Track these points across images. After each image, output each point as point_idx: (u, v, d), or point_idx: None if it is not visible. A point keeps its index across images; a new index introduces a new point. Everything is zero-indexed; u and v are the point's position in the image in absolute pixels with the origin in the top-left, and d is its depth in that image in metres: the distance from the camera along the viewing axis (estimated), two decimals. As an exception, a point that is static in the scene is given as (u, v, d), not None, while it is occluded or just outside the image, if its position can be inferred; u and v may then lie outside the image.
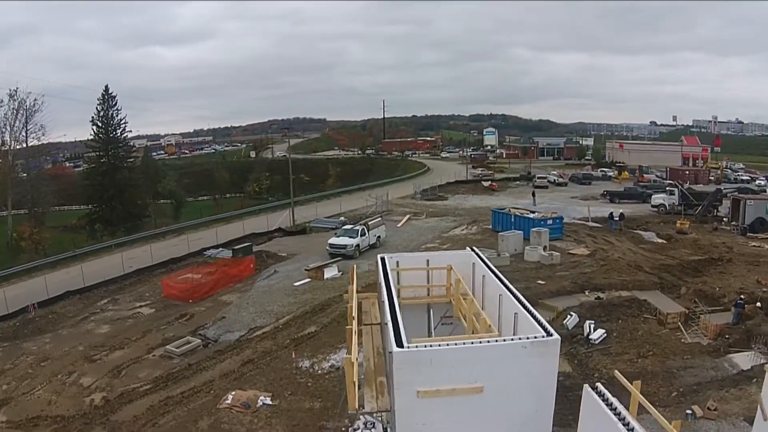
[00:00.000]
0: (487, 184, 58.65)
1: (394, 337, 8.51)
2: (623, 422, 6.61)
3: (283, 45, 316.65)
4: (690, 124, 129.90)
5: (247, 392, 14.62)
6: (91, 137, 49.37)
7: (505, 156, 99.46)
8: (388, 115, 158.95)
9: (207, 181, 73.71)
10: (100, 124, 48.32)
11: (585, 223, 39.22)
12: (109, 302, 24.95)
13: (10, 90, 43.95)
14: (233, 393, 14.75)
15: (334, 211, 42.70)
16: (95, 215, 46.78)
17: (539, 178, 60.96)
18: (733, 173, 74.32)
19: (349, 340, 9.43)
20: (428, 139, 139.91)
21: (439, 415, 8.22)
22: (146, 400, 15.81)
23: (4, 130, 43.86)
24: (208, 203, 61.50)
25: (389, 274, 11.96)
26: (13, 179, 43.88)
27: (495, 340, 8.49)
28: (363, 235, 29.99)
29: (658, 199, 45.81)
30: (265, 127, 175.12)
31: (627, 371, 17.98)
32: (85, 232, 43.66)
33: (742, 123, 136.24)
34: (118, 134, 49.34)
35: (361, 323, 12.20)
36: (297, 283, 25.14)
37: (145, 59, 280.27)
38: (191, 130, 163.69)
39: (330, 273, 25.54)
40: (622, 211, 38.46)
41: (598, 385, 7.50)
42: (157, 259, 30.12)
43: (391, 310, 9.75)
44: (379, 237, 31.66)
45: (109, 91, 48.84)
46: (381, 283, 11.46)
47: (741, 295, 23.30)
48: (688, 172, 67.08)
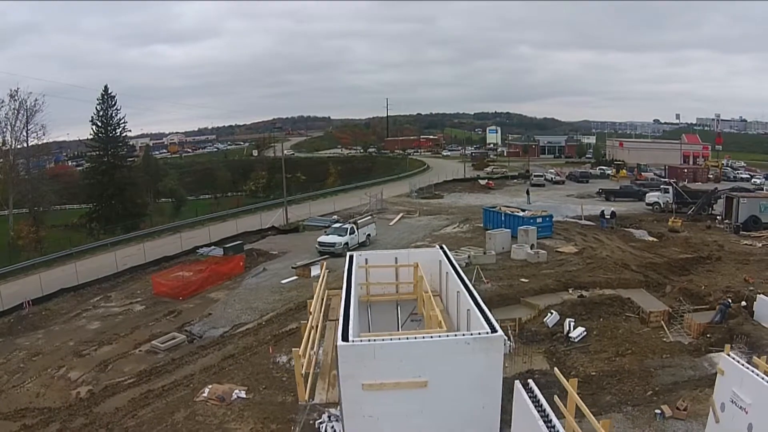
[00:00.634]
0: (484, 183, 58.92)
1: (342, 332, 8.88)
2: (545, 419, 6.93)
3: (287, 43, 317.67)
4: (694, 122, 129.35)
5: (224, 386, 15.09)
6: (90, 136, 50.14)
7: (505, 154, 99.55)
8: (392, 113, 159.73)
9: (208, 180, 74.34)
10: (99, 124, 48.98)
11: (578, 221, 39.35)
12: (102, 299, 25.47)
13: (11, 90, 44.60)
14: (210, 386, 15.22)
15: (329, 210, 43.15)
16: (95, 214, 47.43)
17: (536, 176, 61.17)
18: (733, 171, 74.12)
19: (305, 334, 9.88)
20: (431, 137, 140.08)
21: (384, 408, 8.42)
22: (128, 393, 16.30)
23: (5, 130, 44.56)
24: (209, 202, 62.05)
25: (353, 271, 12.37)
26: (14, 179, 44.48)
27: (438, 336, 8.79)
28: (352, 233, 30.42)
29: (652, 197, 45.93)
30: (269, 126, 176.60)
31: (604, 369, 18.15)
32: (86, 230, 44.31)
33: (746, 121, 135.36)
34: (118, 133, 50.01)
35: (327, 318, 12.66)
36: (284, 281, 25.60)
37: (149, 58, 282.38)
38: (195, 129, 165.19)
39: (317, 271, 25.84)
40: (613, 209, 38.61)
41: (529, 382, 7.82)
42: (150, 258, 30.65)
43: (345, 305, 10.13)
44: (369, 235, 32.06)
45: (109, 91, 49.53)
46: (344, 280, 11.88)
47: (728, 295, 23.44)
48: (687, 170, 66.95)
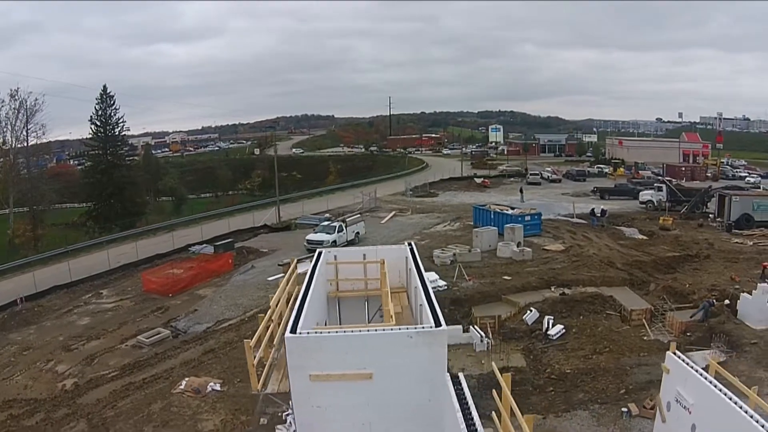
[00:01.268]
0: (479, 181, 59.19)
1: (292, 324, 9.28)
2: (466, 412, 7.14)
3: (290, 42, 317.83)
4: (697, 120, 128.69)
5: (200, 379, 15.59)
6: (90, 136, 50.81)
7: (506, 153, 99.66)
8: (396, 112, 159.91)
9: (210, 179, 74.99)
10: (98, 123, 49.73)
11: (569, 219, 39.54)
12: (93, 296, 26.07)
13: (11, 90, 45.26)
14: (187, 379, 15.74)
15: (323, 209, 43.60)
16: (94, 213, 48.05)
17: (532, 174, 61.37)
18: (732, 170, 73.94)
19: (261, 326, 10.36)
20: (433, 136, 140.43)
21: (332, 399, 8.72)
22: (111, 385, 16.84)
23: (5, 129, 45.27)
24: (209, 200, 62.66)
25: (318, 267, 12.80)
26: (14, 178, 45.11)
27: (383, 330, 9.15)
28: (340, 231, 30.83)
29: (646, 195, 46.06)
30: (273, 125, 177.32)
31: (579, 367, 18.26)
32: (85, 229, 44.96)
33: (749, 120, 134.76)
34: (117, 133, 50.72)
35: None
36: (271, 278, 26.05)
37: (152, 57, 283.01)
38: (199, 128, 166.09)
39: (303, 268, 26.23)
40: (603, 208, 38.78)
41: (459, 375, 8.14)
42: (143, 255, 31.23)
43: (302, 299, 10.54)
44: (358, 233, 32.42)
45: (107, 91, 50.31)
46: (306, 275, 12.31)
47: (713, 294, 23.57)
48: (685, 169, 66.95)
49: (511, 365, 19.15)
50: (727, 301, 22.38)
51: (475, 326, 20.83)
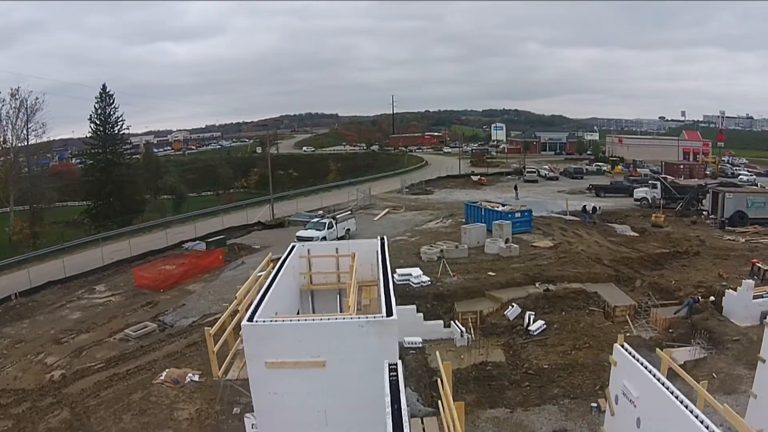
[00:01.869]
0: (476, 179, 59.41)
1: (251, 313, 9.67)
2: (395, 399, 7.34)
3: (294, 41, 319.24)
4: (700, 119, 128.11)
5: (180, 370, 16.03)
6: (89, 134, 51.42)
7: (506, 151, 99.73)
8: (400, 111, 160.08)
9: (211, 177, 75.56)
10: (98, 122, 50.28)
11: (562, 216, 39.71)
12: (86, 291, 26.54)
13: (12, 89, 45.80)
14: (167, 370, 16.17)
15: (318, 206, 43.97)
16: (94, 211, 48.62)
17: (528, 172, 61.55)
18: (732, 168, 73.73)
19: (224, 315, 10.83)
20: (435, 134, 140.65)
21: (288, 386, 9.11)
22: (96, 376, 17.28)
23: (6, 128, 45.85)
24: (209, 198, 63.16)
25: (288, 260, 13.20)
26: (15, 176, 45.69)
27: (335, 319, 9.52)
28: (330, 227, 31.17)
29: (640, 192, 46.17)
30: (277, 123, 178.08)
31: (557, 362, 18.37)
32: (84, 227, 45.51)
33: (752, 118, 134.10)
34: (116, 131, 51.27)
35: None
36: (260, 274, 26.40)
37: (155, 55, 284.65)
38: (203, 126, 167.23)
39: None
40: (595, 205, 38.97)
41: (397, 363, 8.34)
42: (137, 252, 31.74)
43: (265, 289, 10.94)
44: (348, 230, 32.76)
45: (107, 89, 50.85)
46: (275, 267, 12.72)
47: (700, 291, 23.68)
48: (683, 167, 66.86)
49: (490, 360, 19.40)
50: (712, 298, 22.36)
51: (457, 321, 21.09)
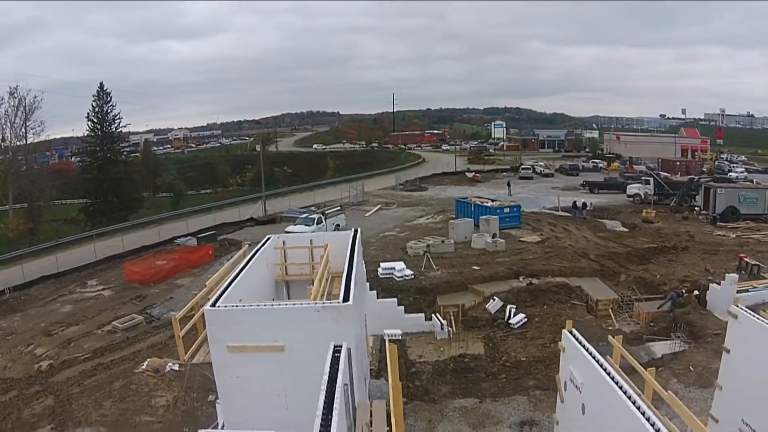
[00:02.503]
0: (471, 176, 59.72)
1: (215, 299, 10.06)
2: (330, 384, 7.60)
3: (296, 39, 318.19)
4: (701, 117, 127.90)
5: (161, 359, 16.48)
6: (87, 132, 51.86)
7: (505, 148, 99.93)
8: (402, 109, 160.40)
9: (210, 175, 76.01)
10: (95, 120, 50.59)
11: (553, 212, 40.02)
12: (78, 285, 27.08)
13: (10, 87, 46.17)
14: (149, 360, 16.63)
15: (311, 202, 44.37)
16: (91, 208, 48.97)
17: (523, 169, 61.79)
18: (730, 165, 73.71)
19: (192, 302, 11.23)
20: (435, 132, 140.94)
21: (249, 370, 9.41)
22: (81, 366, 17.79)
23: (4, 126, 46.28)
24: (209, 196, 63.50)
25: (259, 251, 13.59)
26: (14, 175, 46.11)
27: (293, 304, 9.88)
28: (319, 223, 31.54)
29: (633, 188, 46.35)
30: (278, 121, 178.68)
31: (536, 355, 18.59)
32: (80, 224, 45.99)
33: (753, 116, 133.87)
34: (113, 129, 51.66)
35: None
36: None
37: (157, 54, 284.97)
38: (204, 124, 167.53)
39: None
40: (585, 201, 39.20)
41: (342, 346, 8.63)
42: (130, 247, 32.26)
43: (233, 278, 11.33)
44: (338, 225, 33.10)
45: (104, 88, 51.06)
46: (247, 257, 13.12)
47: (686, 285, 23.90)
48: (680, 164, 66.93)
49: (469, 352, 19.76)
50: (696, 292, 22.47)
51: (438, 315, 21.42)
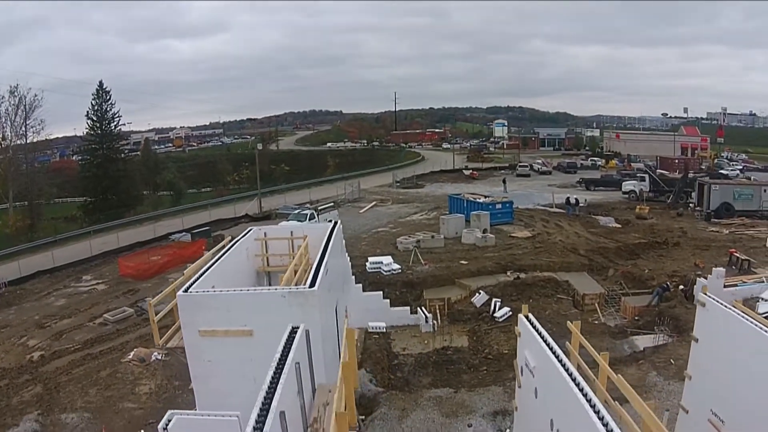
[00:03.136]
0: (468, 173, 60.01)
1: (188, 285, 10.38)
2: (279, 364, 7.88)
3: (298, 38, 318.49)
4: (703, 116, 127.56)
5: (147, 349, 16.84)
6: (86, 130, 52.41)
7: (505, 147, 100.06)
8: (405, 108, 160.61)
9: (211, 173, 76.51)
10: (94, 118, 51.18)
11: (548, 209, 40.24)
12: (73, 280, 27.51)
13: (11, 86, 46.59)
14: (135, 350, 17.01)
15: (307, 199, 44.72)
16: (91, 206, 49.47)
17: (521, 166, 62.01)
18: (729, 163, 73.55)
19: (168, 289, 11.58)
20: (437, 131, 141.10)
21: (220, 354, 9.75)
22: (71, 356, 18.15)
23: (5, 125, 46.76)
24: (209, 194, 63.85)
25: (239, 242, 13.93)
26: (14, 173, 46.57)
27: (261, 290, 10.20)
28: (312, 219, 31.83)
29: (628, 185, 46.49)
30: (281, 120, 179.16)
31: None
32: (79, 222, 46.44)
33: (755, 115, 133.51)
34: (113, 128, 52.18)
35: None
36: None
37: (159, 52, 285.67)
38: (207, 123, 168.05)
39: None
40: (578, 197, 39.40)
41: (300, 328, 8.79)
42: (125, 243, 32.72)
43: (207, 266, 11.66)
44: (331, 221, 33.32)
45: (104, 86, 51.70)
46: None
47: (674, 280, 24.10)
48: (678, 161, 66.82)
49: (452, 345, 20.11)
50: (682, 287, 22.69)
51: (423, 308, 21.71)
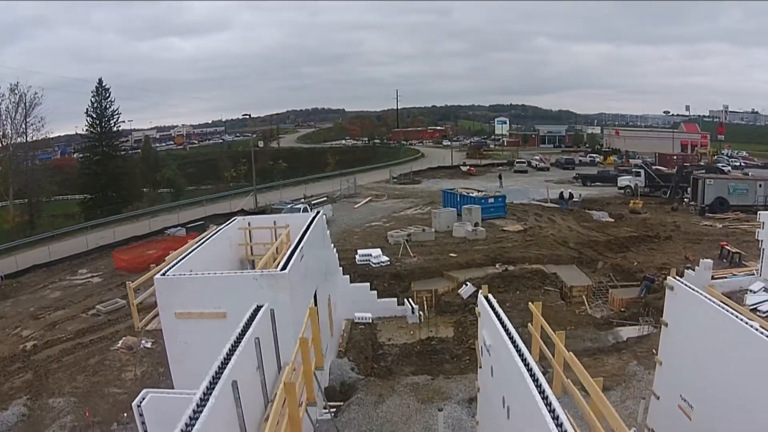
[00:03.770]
0: (465, 169, 60.24)
1: (166, 270, 10.71)
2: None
3: (300, 36, 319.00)
4: (705, 114, 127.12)
5: (135, 338, 17.20)
6: (86, 128, 52.83)
7: (506, 144, 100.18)
8: (407, 106, 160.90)
9: (211, 170, 76.91)
10: (94, 116, 51.61)
11: (542, 203, 40.45)
12: (68, 273, 27.94)
13: (11, 84, 46.98)
14: (124, 338, 17.39)
15: (302, 195, 45.03)
16: (90, 203, 49.89)
17: (518, 162, 62.18)
18: (729, 159, 73.46)
19: (149, 274, 11.92)
20: (438, 128, 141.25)
21: (195, 336, 10.05)
22: (63, 345, 18.55)
23: (5, 123, 47.18)
24: (208, 191, 64.18)
25: (221, 230, 14.26)
26: (14, 170, 46.96)
27: (234, 273, 10.51)
28: (305, 213, 32.10)
29: (624, 180, 46.63)
30: (283, 118, 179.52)
31: None
32: (77, 218, 46.85)
33: (757, 113, 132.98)
34: (112, 125, 52.62)
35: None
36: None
37: (161, 51, 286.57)
38: (209, 121, 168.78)
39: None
40: (572, 192, 39.59)
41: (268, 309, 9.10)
42: (121, 237, 33.16)
43: (187, 252, 11.98)
44: (324, 216, 33.63)
45: (103, 84, 52.18)
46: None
47: (663, 272, 24.27)
48: (677, 158, 66.80)
49: (438, 336, 20.36)
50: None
51: (410, 300, 21.98)
